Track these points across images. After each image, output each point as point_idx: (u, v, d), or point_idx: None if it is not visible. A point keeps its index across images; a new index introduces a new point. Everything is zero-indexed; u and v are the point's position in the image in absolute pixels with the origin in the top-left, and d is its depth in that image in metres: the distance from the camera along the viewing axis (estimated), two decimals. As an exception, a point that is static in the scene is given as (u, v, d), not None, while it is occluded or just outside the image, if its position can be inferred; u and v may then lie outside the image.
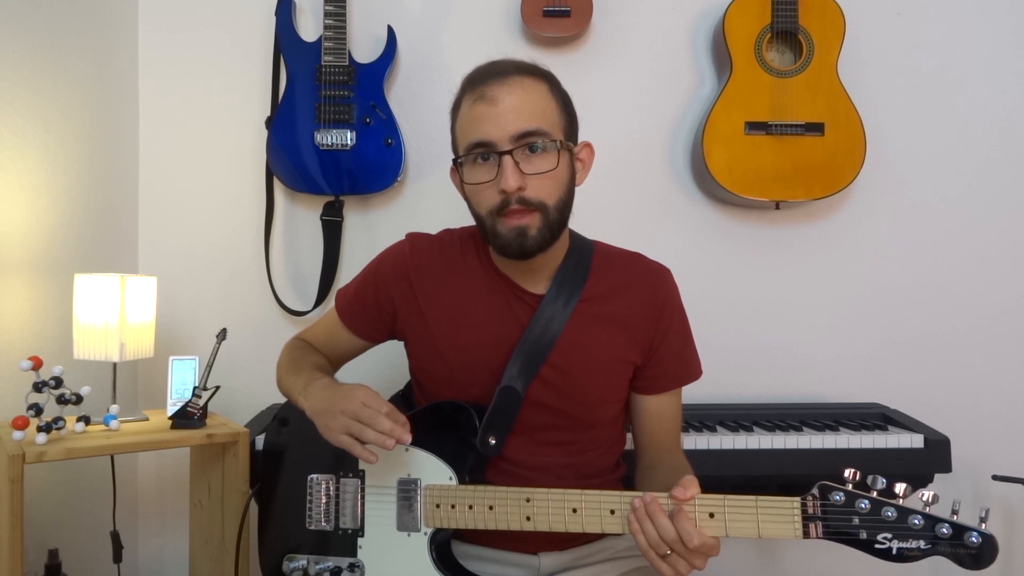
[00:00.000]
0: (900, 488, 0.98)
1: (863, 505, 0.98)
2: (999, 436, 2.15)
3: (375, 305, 1.38)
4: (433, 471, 1.24)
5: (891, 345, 2.16)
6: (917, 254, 2.17)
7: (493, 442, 1.24)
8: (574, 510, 1.13)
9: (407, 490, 1.25)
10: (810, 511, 1.01)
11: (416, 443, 1.23)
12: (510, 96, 1.20)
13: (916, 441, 1.75)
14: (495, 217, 1.22)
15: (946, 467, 1.74)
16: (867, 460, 1.73)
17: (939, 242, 2.17)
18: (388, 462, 1.26)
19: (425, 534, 1.24)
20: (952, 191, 2.17)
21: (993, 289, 2.17)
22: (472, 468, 1.25)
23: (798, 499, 1.01)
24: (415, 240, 1.39)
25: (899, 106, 2.16)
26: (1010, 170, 2.18)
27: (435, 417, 1.27)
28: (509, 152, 1.18)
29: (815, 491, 1.01)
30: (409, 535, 1.25)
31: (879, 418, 1.90)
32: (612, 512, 1.11)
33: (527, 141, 1.19)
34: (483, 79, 1.23)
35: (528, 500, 1.16)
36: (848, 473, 1.00)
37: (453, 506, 1.21)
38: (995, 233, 2.17)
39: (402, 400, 1.56)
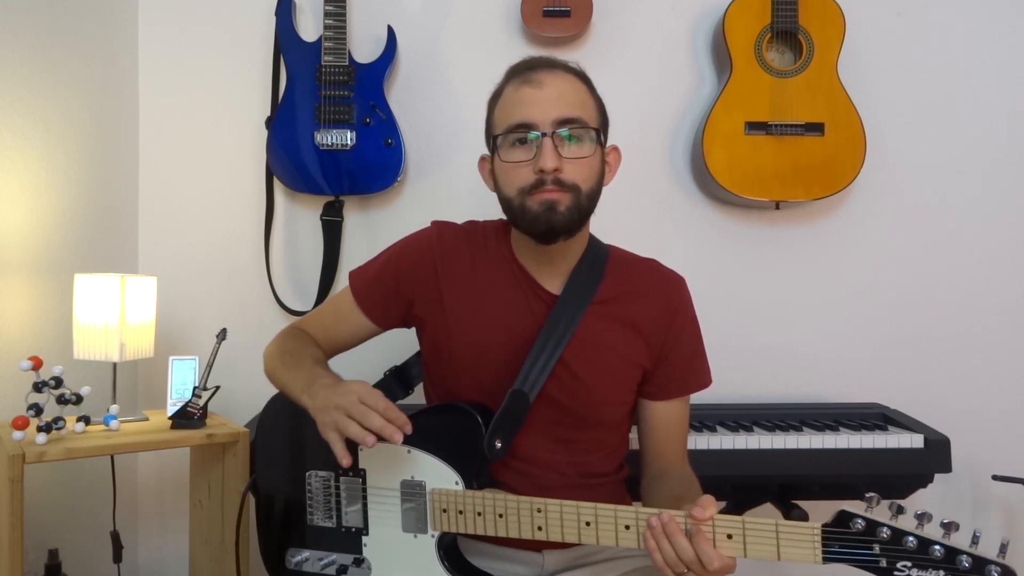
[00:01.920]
0: (921, 516, 0.98)
1: (884, 533, 0.98)
2: (999, 436, 2.15)
3: (395, 289, 1.37)
4: (438, 475, 1.22)
5: (891, 345, 2.16)
6: (917, 254, 2.17)
7: (499, 445, 1.23)
8: (587, 523, 1.12)
9: (412, 493, 1.24)
10: (831, 537, 1.00)
11: (419, 445, 1.23)
12: (555, 83, 1.24)
13: (916, 441, 1.75)
14: (525, 195, 1.23)
15: (946, 467, 1.74)
16: (867, 460, 1.73)
17: (939, 242, 2.17)
18: (390, 463, 1.25)
19: (433, 536, 1.23)
20: (952, 191, 2.17)
21: (993, 289, 2.17)
22: (479, 471, 1.23)
23: (819, 525, 1.00)
24: (442, 228, 1.39)
25: (899, 106, 2.16)
26: (1010, 170, 2.17)
27: (438, 418, 1.26)
28: (550, 134, 1.21)
29: (836, 517, 1.00)
30: (416, 536, 1.24)
31: (879, 418, 1.90)
32: (627, 527, 1.10)
33: (568, 127, 1.22)
34: (531, 66, 1.27)
35: (540, 511, 1.15)
36: (869, 499, 1.00)
37: (461, 512, 1.20)
38: (995, 233, 2.17)
39: (395, 376, 1.54)
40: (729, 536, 1.04)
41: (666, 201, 2.16)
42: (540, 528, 1.15)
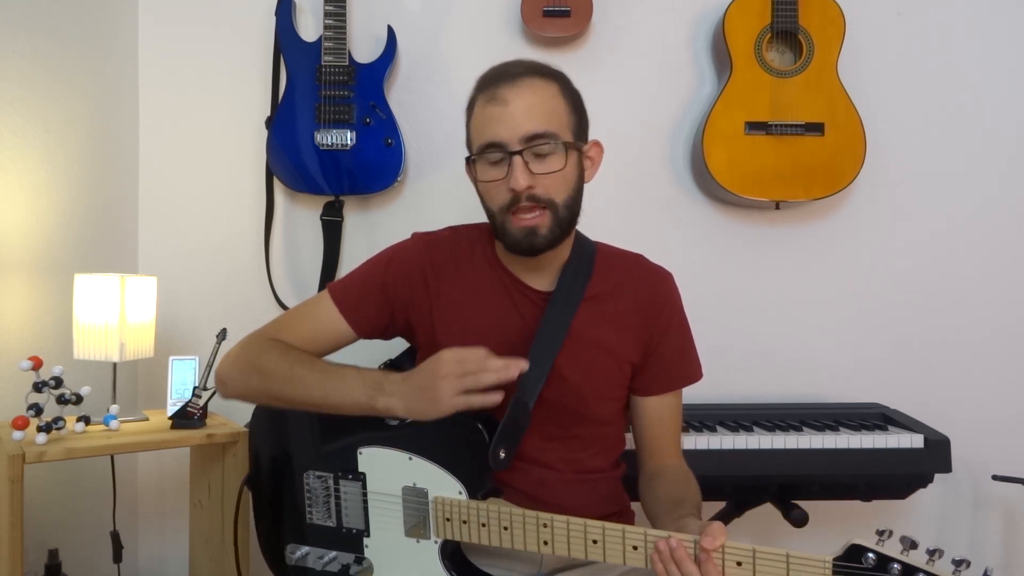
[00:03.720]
0: (932, 552, 0.97)
1: (895, 568, 0.97)
2: (999, 436, 2.15)
3: (382, 302, 1.36)
4: (441, 483, 1.21)
5: (891, 345, 2.16)
6: (917, 254, 2.17)
7: (503, 455, 1.21)
8: (595, 541, 1.11)
9: (414, 500, 1.23)
10: (841, 570, 0.99)
11: (421, 453, 1.23)
12: (520, 98, 1.23)
13: (916, 441, 1.75)
14: (506, 214, 1.25)
15: (946, 467, 1.74)
16: (867, 460, 1.73)
17: (939, 242, 2.17)
18: (391, 469, 1.24)
19: (436, 542, 1.22)
20: (951, 191, 2.17)
21: (993, 289, 2.17)
22: (482, 482, 1.22)
23: (830, 557, 1.00)
24: (426, 239, 1.39)
25: (899, 106, 2.16)
26: (1009, 170, 2.17)
27: (439, 427, 1.24)
28: (519, 152, 1.21)
29: (847, 550, 0.99)
30: (418, 541, 1.23)
31: (879, 418, 1.90)
32: (635, 548, 1.09)
33: (536, 143, 1.22)
34: (495, 80, 1.26)
35: (546, 526, 1.14)
36: (881, 533, 0.99)
37: (465, 522, 1.19)
38: (994, 233, 2.17)
39: (390, 369, 1.50)
40: (739, 564, 1.03)
41: (666, 201, 2.16)
42: (546, 543, 1.14)
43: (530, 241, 1.24)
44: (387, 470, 1.25)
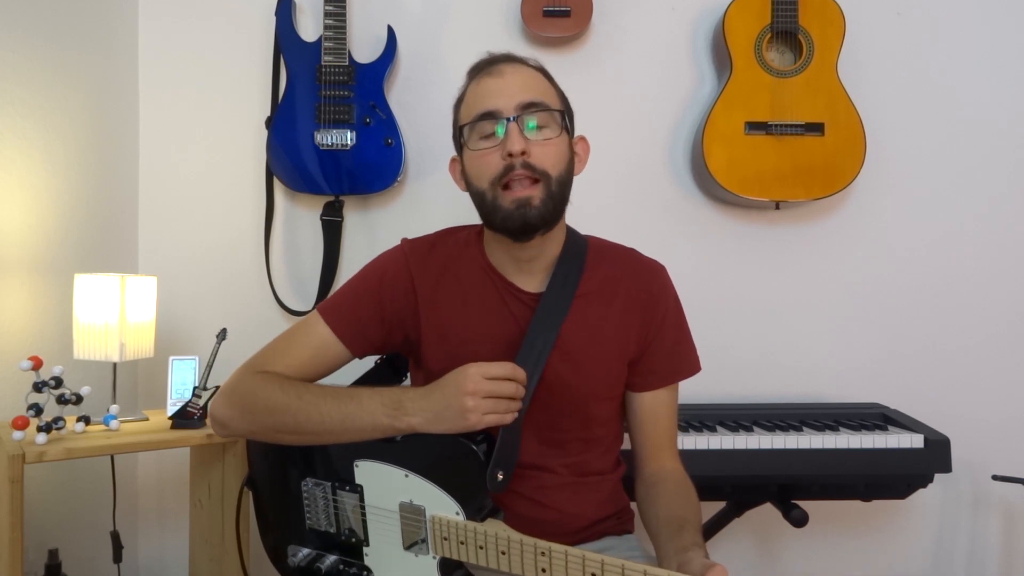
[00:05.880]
0: None
1: None
2: (999, 436, 2.15)
3: (379, 315, 1.32)
4: (438, 503, 1.19)
5: (891, 345, 2.16)
6: (917, 254, 2.17)
7: (501, 477, 1.18)
8: (593, 574, 1.08)
9: (411, 516, 1.21)
10: None
11: (418, 471, 1.20)
12: (516, 72, 1.26)
13: (916, 441, 1.75)
14: (496, 188, 1.22)
15: (946, 467, 1.74)
16: (867, 460, 1.73)
17: (939, 242, 2.17)
18: (389, 485, 1.22)
19: (434, 558, 1.21)
20: (951, 191, 2.17)
21: (993, 289, 2.17)
22: (480, 503, 1.19)
23: None
24: (414, 246, 1.36)
25: (899, 106, 2.16)
26: (1009, 171, 2.18)
27: (436, 446, 1.21)
28: (515, 119, 1.21)
29: None
30: (417, 555, 1.22)
31: (879, 418, 1.90)
32: None
33: (532, 111, 1.22)
34: (491, 61, 1.30)
35: (544, 554, 1.11)
36: None
37: (462, 543, 1.17)
38: (994, 233, 2.17)
39: (387, 364, 1.51)
40: None
41: (666, 201, 2.16)
42: (544, 570, 1.12)
43: (523, 214, 1.20)
44: (384, 485, 1.23)
